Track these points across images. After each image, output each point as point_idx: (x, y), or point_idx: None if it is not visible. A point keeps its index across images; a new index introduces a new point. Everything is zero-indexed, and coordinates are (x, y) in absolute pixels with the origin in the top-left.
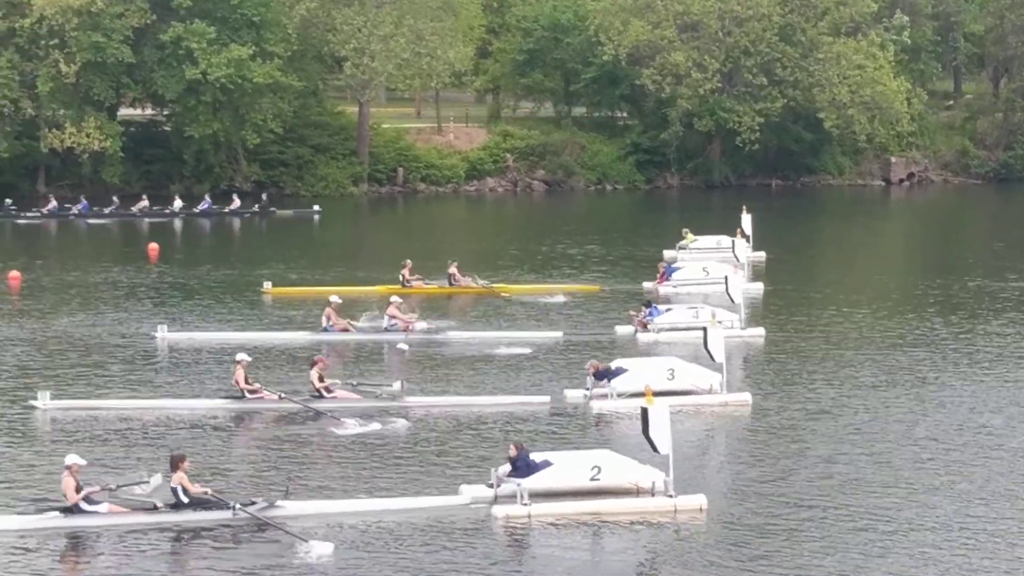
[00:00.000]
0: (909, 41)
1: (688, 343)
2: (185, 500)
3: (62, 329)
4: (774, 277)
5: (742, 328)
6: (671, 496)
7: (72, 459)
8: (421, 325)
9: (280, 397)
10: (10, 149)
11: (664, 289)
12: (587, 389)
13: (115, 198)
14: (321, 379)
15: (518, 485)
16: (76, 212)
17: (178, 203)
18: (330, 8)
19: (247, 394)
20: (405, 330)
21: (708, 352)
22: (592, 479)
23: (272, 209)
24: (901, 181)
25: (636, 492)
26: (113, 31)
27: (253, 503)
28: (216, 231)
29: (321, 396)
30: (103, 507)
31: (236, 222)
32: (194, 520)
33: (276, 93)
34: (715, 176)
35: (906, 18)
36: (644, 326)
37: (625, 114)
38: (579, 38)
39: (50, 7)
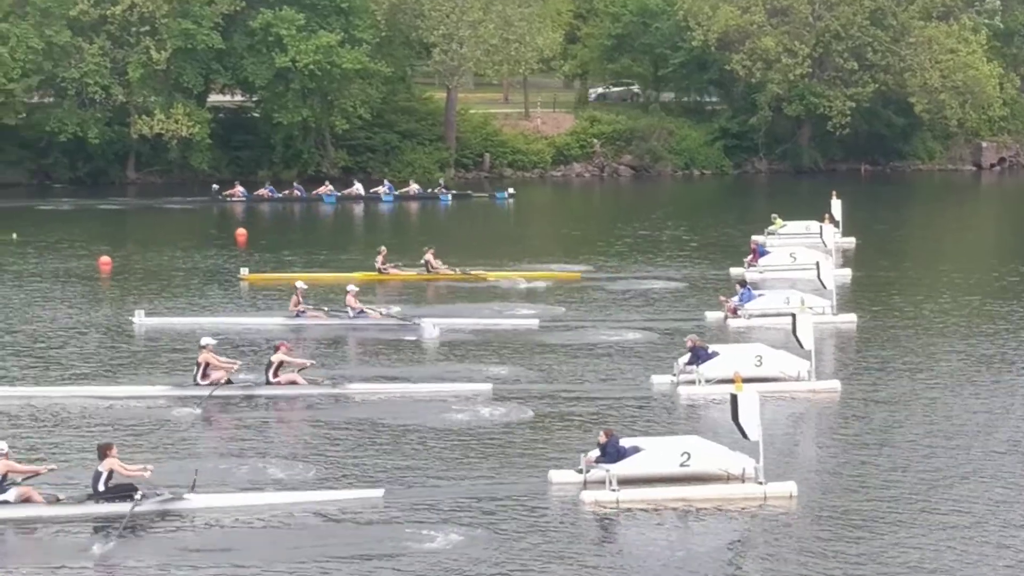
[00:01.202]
0: (1002, 25)
1: (779, 329)
2: (102, 488)
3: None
4: (863, 263)
5: (834, 314)
6: (761, 483)
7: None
8: (396, 309)
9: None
10: (100, 135)
11: (751, 275)
12: (674, 375)
13: (296, 184)
14: (280, 364)
15: (607, 471)
16: (264, 195)
17: (358, 187)
18: None
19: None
20: (374, 315)
21: (796, 339)
22: (682, 465)
23: (468, 192)
24: (992, 166)
25: (726, 479)
26: (203, 18)
27: (157, 495)
28: (397, 216)
29: (268, 382)
30: (11, 494)
31: (414, 206)
32: (95, 512)
33: (364, 79)
34: (804, 161)
35: (998, 2)
36: (734, 312)
37: (714, 99)
38: (668, 23)
39: None
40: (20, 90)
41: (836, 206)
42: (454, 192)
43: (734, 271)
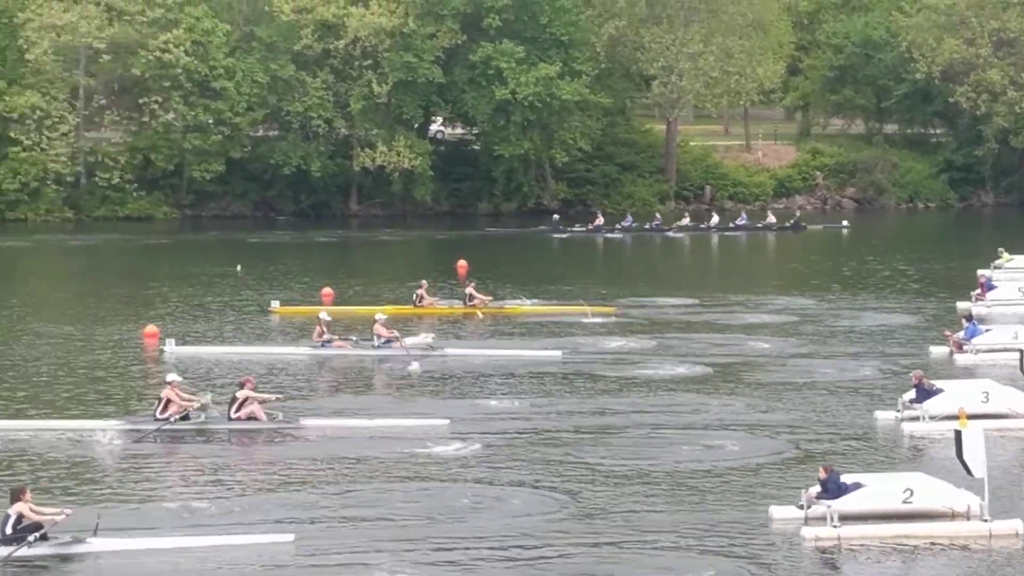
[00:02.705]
0: None
1: (1007, 365)
2: (8, 532)
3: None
4: None
5: None
6: (986, 520)
7: None
8: (411, 341)
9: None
10: (323, 168)
11: (978, 309)
12: (898, 411)
13: (628, 213)
14: (245, 400)
15: (828, 507)
16: (621, 226)
17: (715, 219)
18: (639, 26)
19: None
20: (398, 346)
21: None
22: (904, 502)
23: (802, 224)
24: None
25: (950, 516)
26: (424, 51)
27: (57, 537)
28: (750, 247)
29: (229, 417)
30: None
31: (771, 237)
32: None
33: (584, 111)
34: None
35: None
36: (959, 347)
37: (938, 131)
38: (891, 55)
39: (364, 29)
40: (245, 123)
41: None
42: (789, 224)
43: (960, 305)
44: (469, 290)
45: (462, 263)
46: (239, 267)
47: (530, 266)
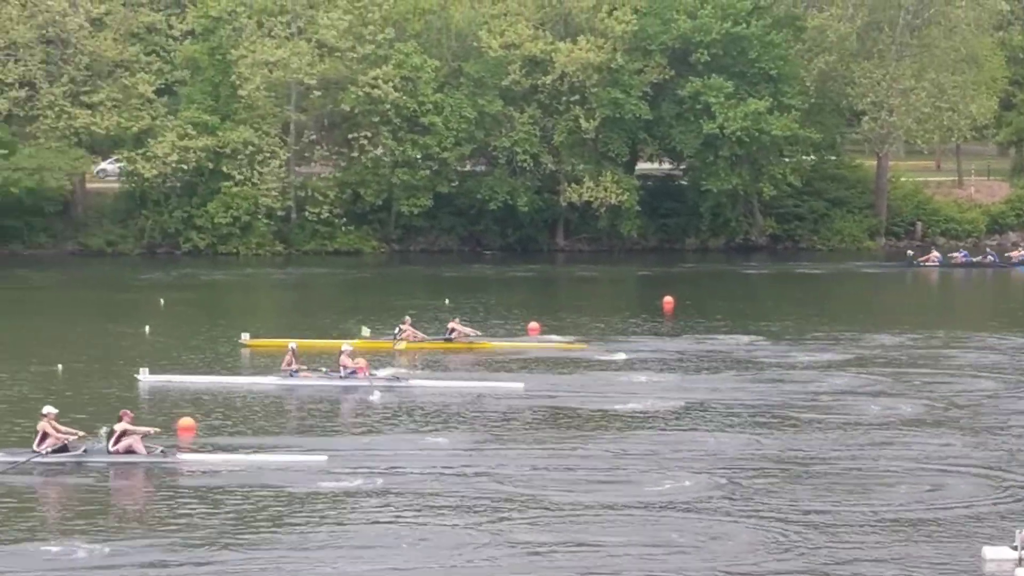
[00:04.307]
0: None
1: None
2: None
3: None
4: None
5: None
6: None
7: None
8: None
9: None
10: (530, 203)
11: None
12: None
13: (989, 249)
14: (124, 433)
15: None
16: (958, 259)
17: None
18: (849, 61)
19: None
20: (358, 374)
21: None
22: None
23: None
24: None
25: None
26: (631, 87)
27: None
28: None
29: (107, 451)
30: None
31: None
32: None
33: (794, 146)
34: None
35: None
36: None
37: None
38: None
39: (571, 64)
40: (453, 159)
41: None
42: None
43: None
44: (452, 324)
45: (668, 299)
46: (447, 300)
47: (737, 301)
